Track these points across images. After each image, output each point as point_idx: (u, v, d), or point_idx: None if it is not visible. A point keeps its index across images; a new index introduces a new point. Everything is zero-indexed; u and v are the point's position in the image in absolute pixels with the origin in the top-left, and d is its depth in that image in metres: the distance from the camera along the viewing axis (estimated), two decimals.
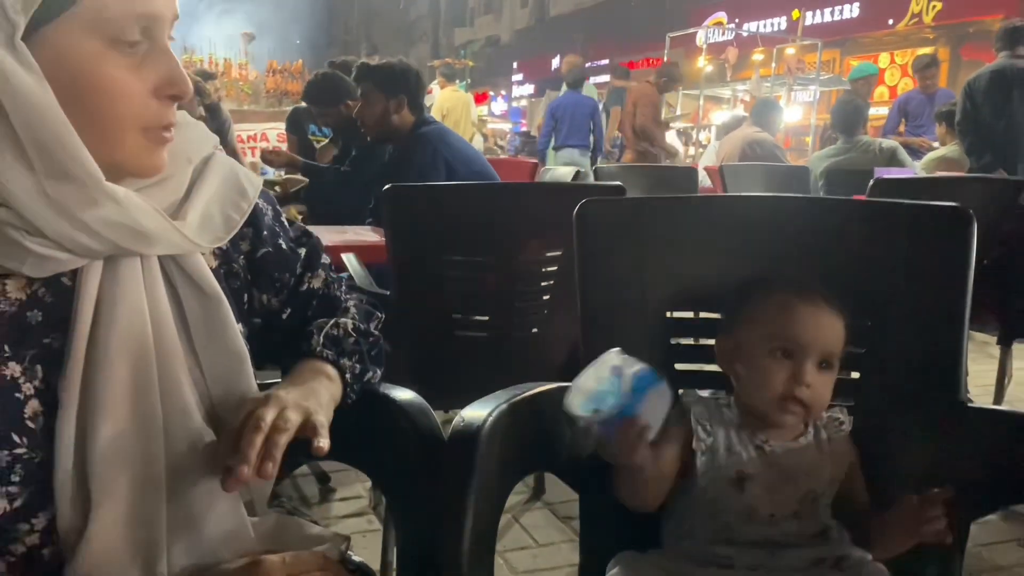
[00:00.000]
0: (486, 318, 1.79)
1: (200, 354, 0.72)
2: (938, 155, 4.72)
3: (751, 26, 16.39)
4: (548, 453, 1.01)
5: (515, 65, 28.05)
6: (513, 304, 1.77)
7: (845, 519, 0.97)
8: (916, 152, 5.26)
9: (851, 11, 14.65)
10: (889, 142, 4.26)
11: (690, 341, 1.12)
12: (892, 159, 4.14)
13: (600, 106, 7.19)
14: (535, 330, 1.81)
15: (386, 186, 1.67)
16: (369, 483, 2.09)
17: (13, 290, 0.65)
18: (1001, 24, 4.51)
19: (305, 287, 0.88)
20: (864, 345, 1.06)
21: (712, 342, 1.05)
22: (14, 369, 0.64)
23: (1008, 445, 0.95)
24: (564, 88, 7.07)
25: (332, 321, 0.86)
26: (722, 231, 1.13)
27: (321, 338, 0.84)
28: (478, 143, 10.37)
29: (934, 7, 13.06)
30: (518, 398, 0.94)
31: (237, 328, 0.75)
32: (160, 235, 0.67)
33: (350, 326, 0.87)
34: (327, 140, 3.82)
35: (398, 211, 1.68)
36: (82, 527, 0.65)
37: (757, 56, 9.76)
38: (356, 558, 0.85)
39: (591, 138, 6.72)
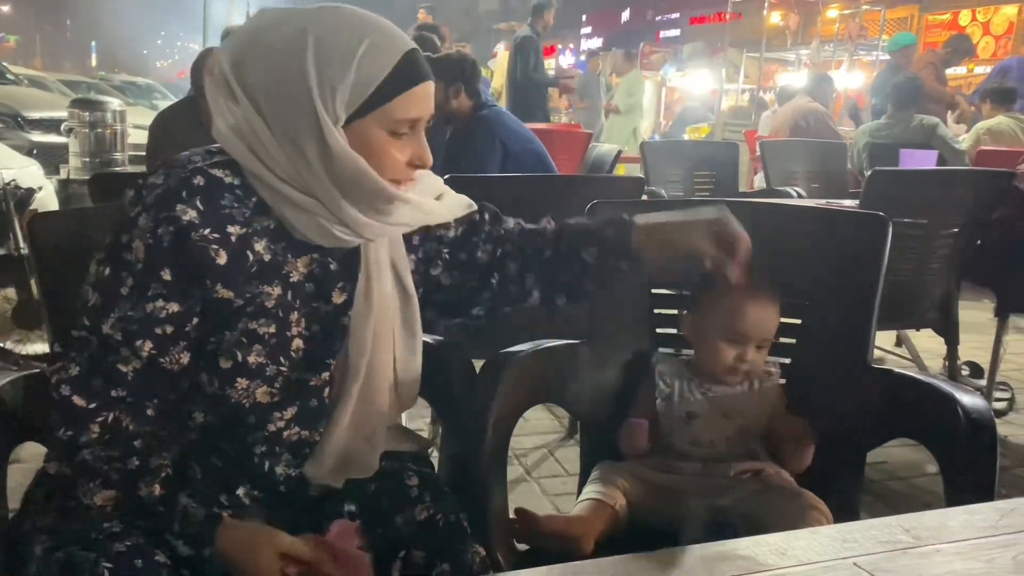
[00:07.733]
0: None
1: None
2: (986, 126, 4.83)
3: None
4: (554, 390, 1.39)
5: (584, 18, 27.73)
6: None
7: (771, 447, 1.32)
8: None
9: None
10: (931, 118, 4.39)
11: (667, 311, 1.47)
12: (932, 135, 4.29)
13: None
14: None
15: (445, 176, 2.03)
16: (429, 418, 2.46)
17: (301, 266, 1.01)
18: None
19: None
20: (800, 317, 1.40)
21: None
22: (293, 318, 1.01)
23: (894, 396, 1.28)
24: None
25: None
26: None
27: None
28: None
29: None
30: (538, 348, 1.33)
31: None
32: (437, 209, 1.06)
33: None
34: None
35: None
36: (330, 414, 1.05)
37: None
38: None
39: None
